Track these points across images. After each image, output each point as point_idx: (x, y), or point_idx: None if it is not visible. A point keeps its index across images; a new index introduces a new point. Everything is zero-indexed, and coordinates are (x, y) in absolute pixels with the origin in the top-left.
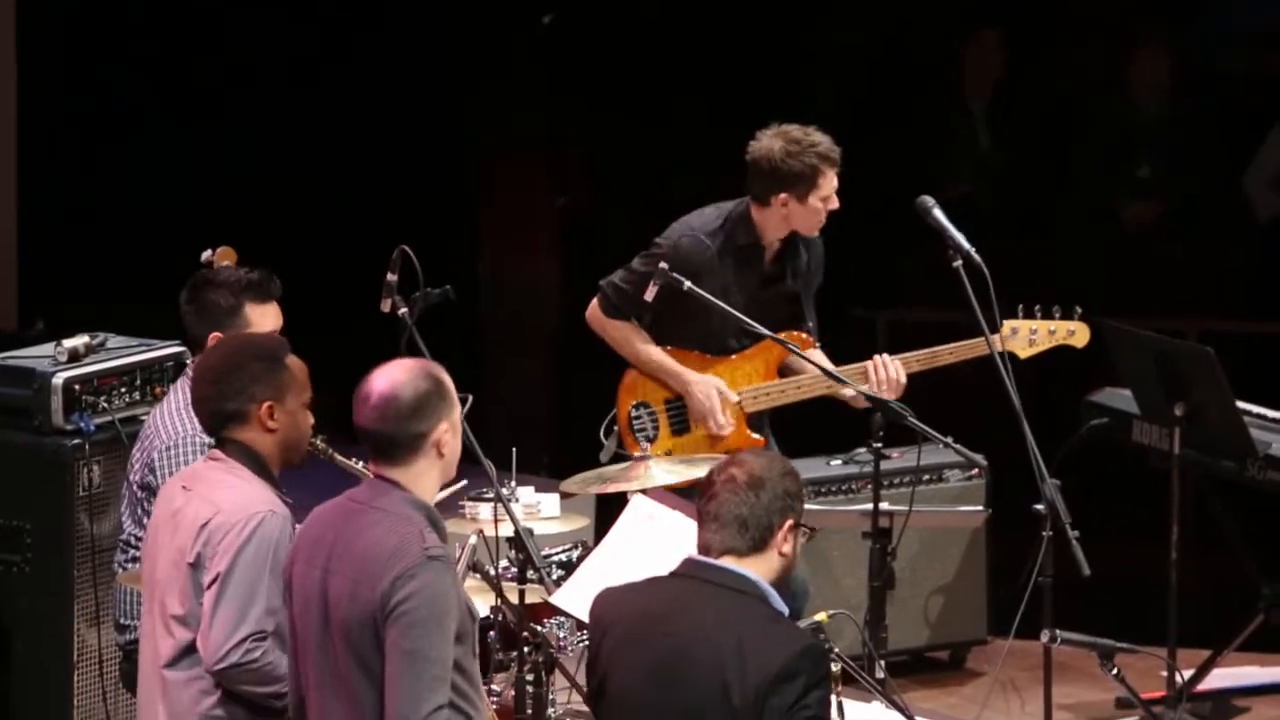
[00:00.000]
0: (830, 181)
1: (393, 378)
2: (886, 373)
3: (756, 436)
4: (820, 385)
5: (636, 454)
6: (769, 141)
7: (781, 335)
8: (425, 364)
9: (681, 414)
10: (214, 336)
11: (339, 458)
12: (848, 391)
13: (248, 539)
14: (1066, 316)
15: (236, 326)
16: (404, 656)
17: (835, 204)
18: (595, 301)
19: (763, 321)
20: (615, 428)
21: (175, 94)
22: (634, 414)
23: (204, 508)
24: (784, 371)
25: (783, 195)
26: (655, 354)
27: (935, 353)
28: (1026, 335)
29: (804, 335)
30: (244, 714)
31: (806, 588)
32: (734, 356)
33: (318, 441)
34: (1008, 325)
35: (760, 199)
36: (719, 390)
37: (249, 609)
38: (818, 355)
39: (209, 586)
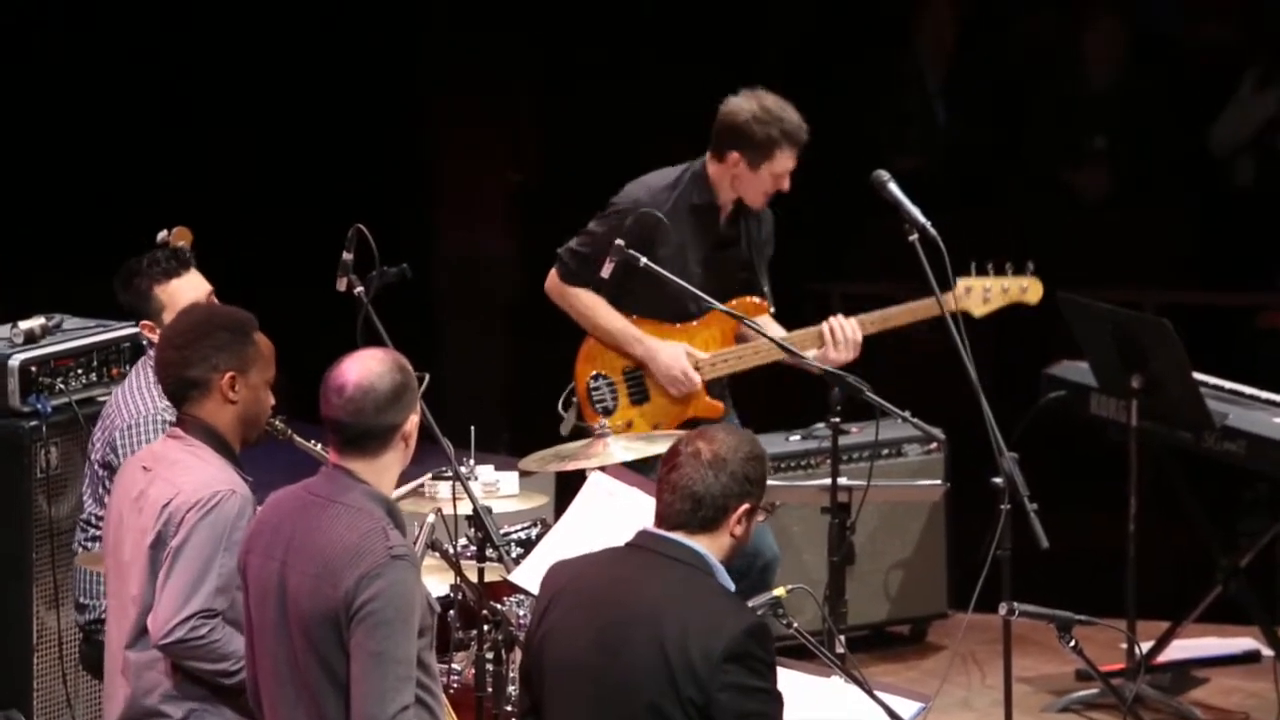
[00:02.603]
0: (786, 159)
1: (367, 368)
2: (843, 333)
3: (716, 402)
4: (781, 352)
5: (596, 426)
6: (743, 101)
7: (736, 301)
8: (394, 354)
9: (640, 383)
10: (144, 325)
11: (298, 439)
12: (809, 352)
13: (204, 516)
14: (1019, 273)
15: (154, 310)
16: (370, 657)
17: (786, 185)
18: (554, 271)
19: (717, 284)
20: (574, 400)
21: (130, 70)
22: (592, 385)
23: (165, 489)
24: (740, 338)
25: (735, 154)
26: (618, 322)
27: (889, 314)
28: (980, 293)
29: (758, 300)
30: (205, 693)
31: (777, 556)
32: (694, 323)
33: (276, 422)
34: (961, 284)
35: (717, 153)
36: (688, 352)
37: (199, 586)
38: (771, 323)
39: (164, 562)
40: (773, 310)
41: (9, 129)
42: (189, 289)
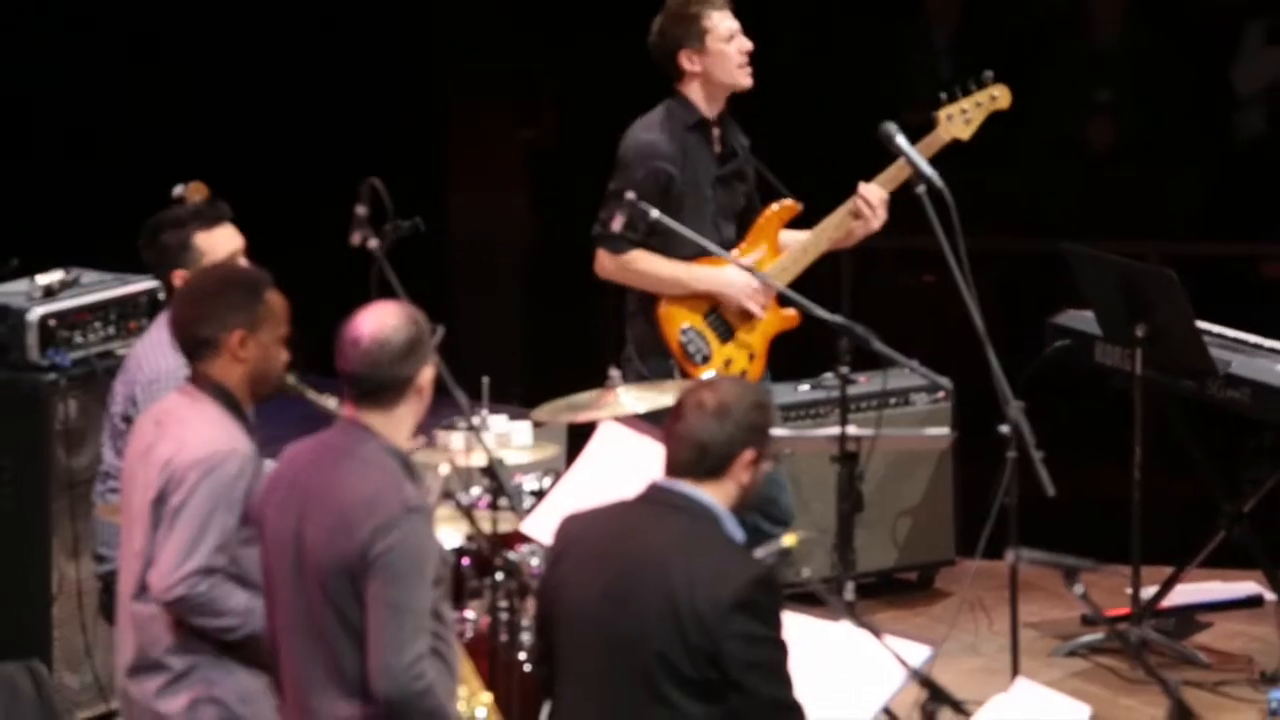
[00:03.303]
0: (721, 20)
1: (382, 321)
2: (873, 197)
3: (790, 311)
4: (826, 240)
5: (702, 375)
6: (657, 18)
7: (771, 210)
8: (407, 307)
9: (721, 321)
10: (178, 274)
11: (311, 394)
12: (848, 229)
13: (204, 475)
14: (981, 86)
15: (193, 259)
16: (386, 608)
17: (748, 44)
18: (599, 252)
19: (729, 200)
20: (671, 361)
21: (143, 28)
22: (684, 339)
23: (170, 445)
24: (784, 244)
25: (684, 53)
26: (679, 268)
27: (900, 167)
28: (960, 117)
29: (789, 203)
30: (208, 647)
31: (792, 513)
32: (742, 244)
33: (289, 378)
34: (941, 114)
35: (673, 71)
36: (751, 271)
37: (199, 544)
38: (796, 235)
39: (164, 521)
40: (801, 208)
41: (24, 89)
42: (228, 240)
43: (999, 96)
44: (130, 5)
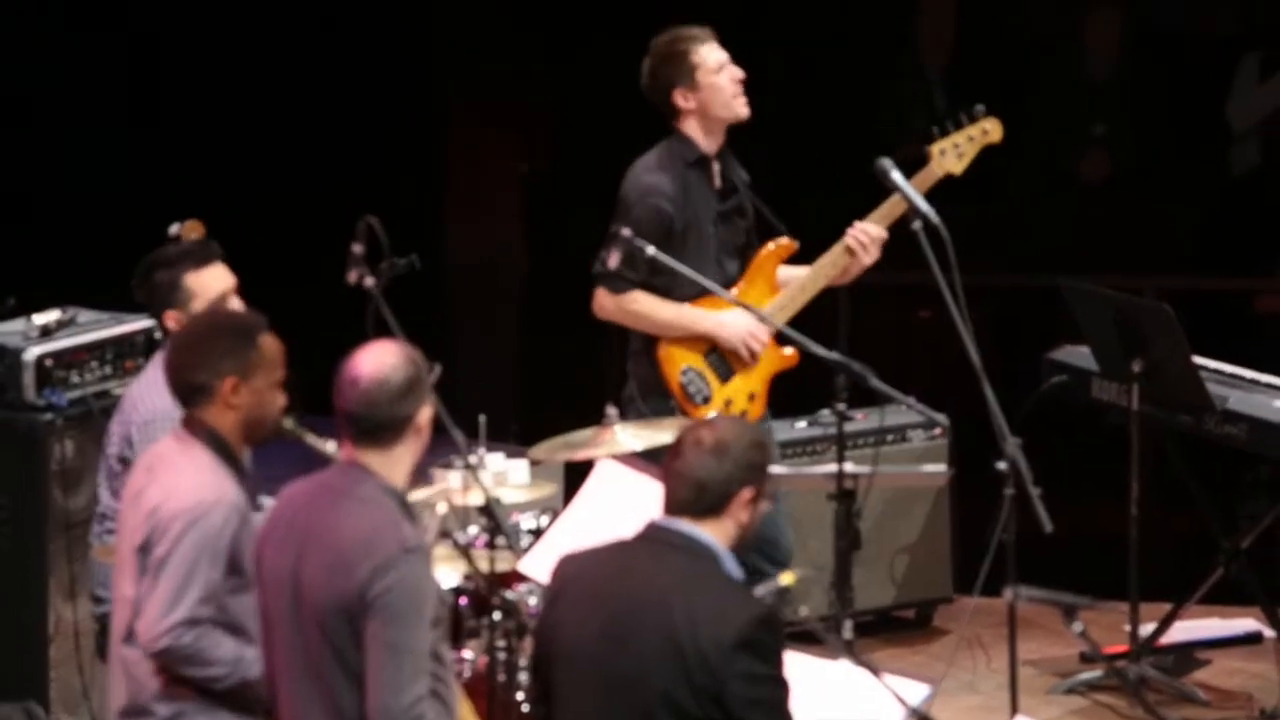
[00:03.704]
0: (709, 54)
1: (380, 360)
2: (867, 235)
3: (789, 351)
4: (823, 277)
5: (703, 417)
6: (644, 62)
7: (768, 248)
8: (406, 347)
9: (721, 362)
10: (169, 314)
11: (310, 437)
12: (844, 266)
13: (189, 526)
14: (972, 120)
15: (183, 299)
16: (385, 649)
17: (738, 72)
18: (599, 291)
19: (731, 237)
20: (672, 402)
21: (139, 66)
22: (684, 380)
23: (157, 491)
24: (783, 282)
25: (677, 92)
26: (675, 309)
27: (895, 203)
28: (953, 151)
29: (786, 241)
30: (194, 694)
31: (792, 556)
32: (740, 284)
33: (287, 422)
34: (935, 149)
35: (669, 110)
36: (747, 308)
37: (183, 596)
38: (793, 270)
39: (149, 571)
40: (797, 246)
41: (19, 126)
42: (218, 280)
43: (991, 130)
44: (130, 43)
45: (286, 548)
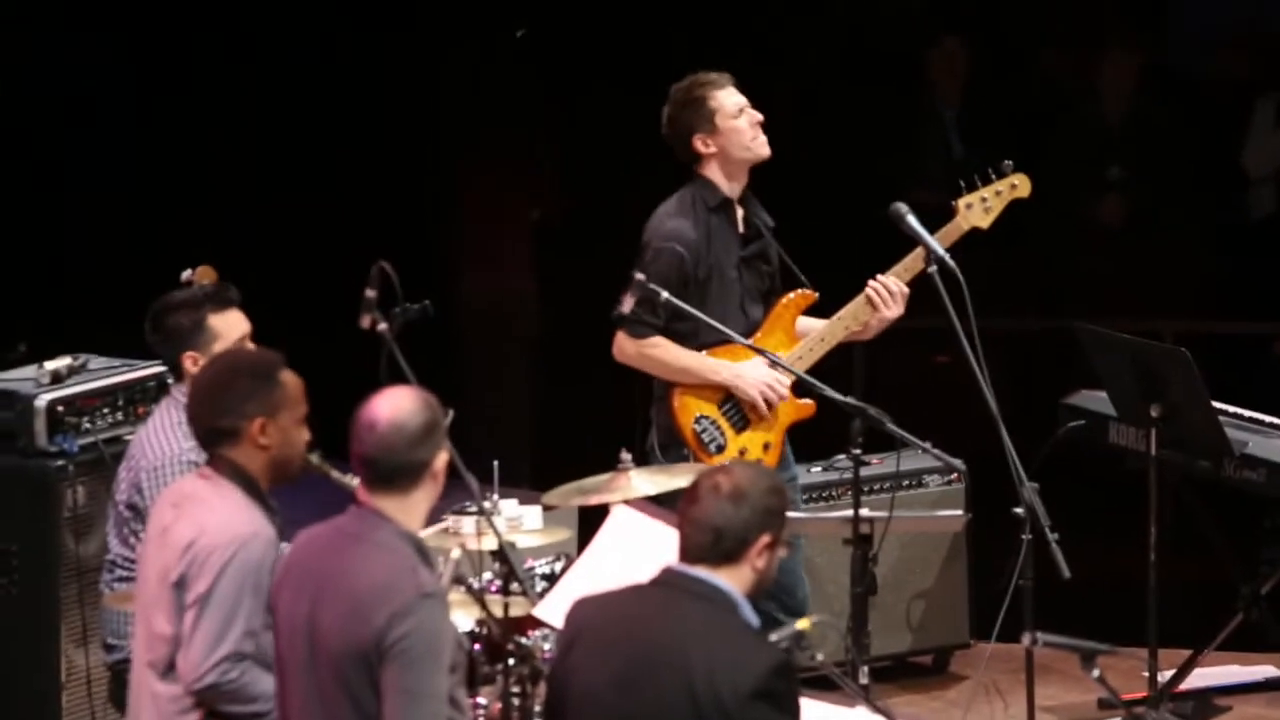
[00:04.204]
0: (725, 98)
1: (398, 405)
2: (888, 290)
3: (806, 401)
4: (842, 329)
5: (716, 465)
6: (665, 109)
7: (788, 298)
8: (422, 392)
9: (737, 411)
10: (188, 356)
11: (334, 474)
12: (864, 319)
13: (229, 561)
14: (1000, 175)
15: (205, 341)
16: (402, 695)
17: (756, 115)
18: (619, 335)
19: (755, 282)
20: (686, 450)
21: (154, 113)
22: (699, 429)
23: (189, 528)
24: (802, 332)
25: (696, 139)
26: (695, 358)
27: (916, 257)
28: (980, 205)
29: (806, 292)
30: None
31: (808, 606)
32: (759, 334)
33: (313, 457)
34: (961, 203)
35: (689, 155)
36: (764, 353)
37: (228, 631)
38: (813, 322)
39: (190, 606)
40: (816, 296)
41: (29, 175)
42: (238, 323)
43: (1019, 185)
44: (142, 90)
45: (302, 593)
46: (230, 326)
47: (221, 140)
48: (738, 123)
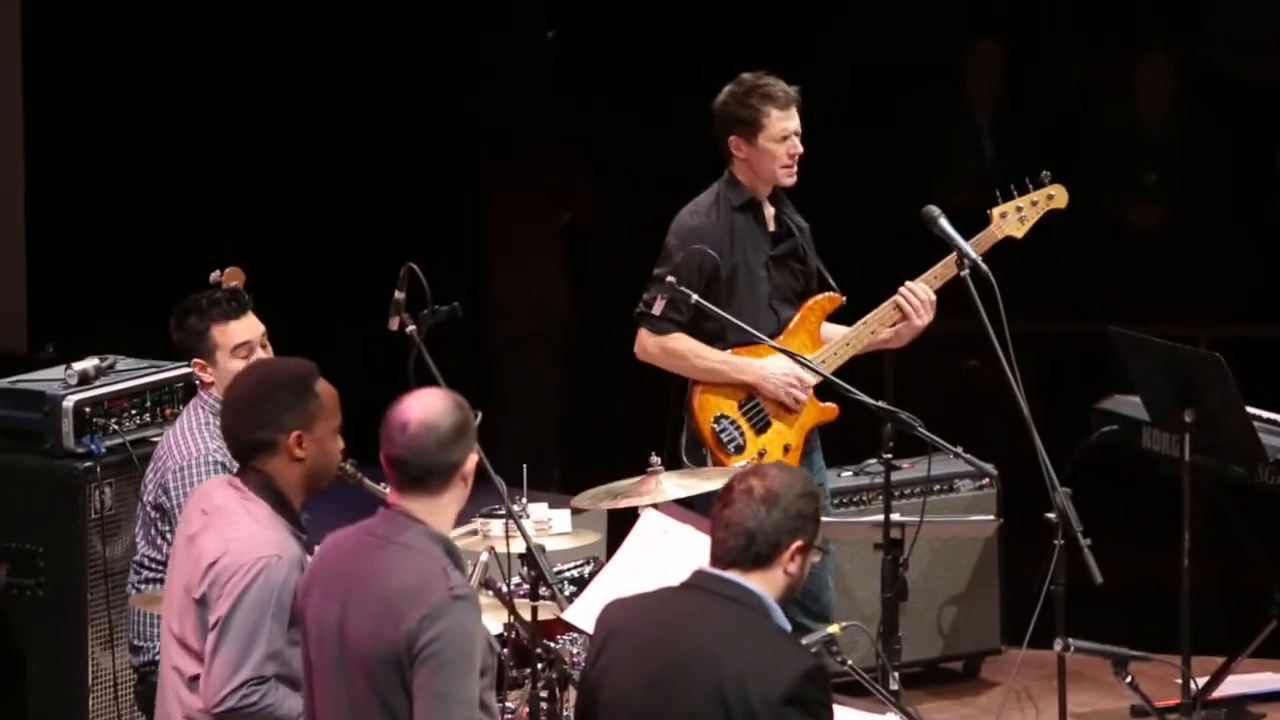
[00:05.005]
0: (779, 122)
1: (429, 405)
2: (917, 297)
3: (828, 405)
4: (869, 334)
5: (734, 465)
6: (725, 88)
7: (813, 301)
8: (453, 394)
9: (758, 411)
10: (196, 363)
11: (368, 482)
12: (885, 334)
13: (250, 583)
14: (1037, 185)
15: (207, 350)
16: (433, 698)
17: (798, 148)
18: (641, 332)
19: (785, 281)
20: (705, 450)
21: (183, 116)
22: (718, 429)
23: (215, 543)
24: (827, 336)
25: (733, 138)
26: (720, 356)
27: (948, 264)
28: (1015, 215)
29: (834, 295)
30: None
31: (833, 611)
32: (782, 336)
33: (347, 466)
34: (996, 212)
35: (723, 148)
36: (792, 356)
37: (248, 654)
38: (837, 329)
39: (212, 628)
40: (844, 300)
41: (61, 169)
42: (244, 330)
43: (1056, 196)
44: (172, 90)
45: (331, 596)
46: (233, 335)
47: (251, 140)
48: (776, 147)
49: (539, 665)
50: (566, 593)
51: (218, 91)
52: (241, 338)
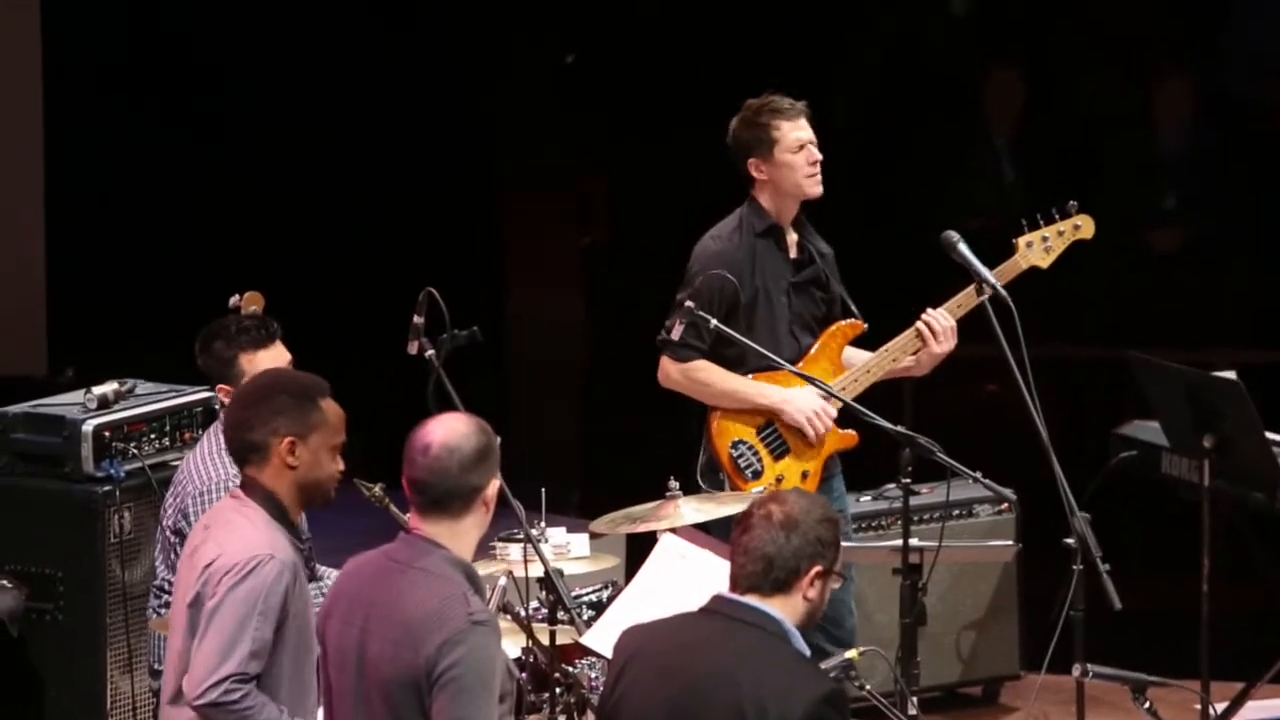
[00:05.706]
0: (791, 131)
1: (452, 428)
2: (939, 324)
3: (848, 431)
4: (889, 361)
5: (751, 491)
6: (732, 121)
7: (835, 327)
8: (476, 418)
9: (776, 437)
10: (221, 389)
11: (394, 509)
12: (906, 361)
13: (241, 579)
14: (1064, 215)
15: (234, 377)
16: None
17: (817, 155)
18: (663, 359)
19: (807, 307)
20: (721, 475)
21: (203, 140)
22: (735, 454)
23: (211, 549)
24: (848, 361)
25: (752, 162)
26: (742, 382)
27: (969, 294)
28: (1040, 245)
29: (855, 322)
30: None
31: (855, 637)
32: (799, 365)
33: (375, 489)
34: (1021, 241)
35: (745, 174)
36: (813, 382)
37: (233, 649)
38: (860, 354)
39: (200, 624)
40: (865, 327)
41: (87, 198)
42: (271, 360)
43: (1083, 226)
44: (193, 117)
45: (351, 621)
46: (261, 364)
47: (271, 165)
48: (794, 158)
49: (557, 690)
50: (585, 617)
51: (234, 113)
52: (272, 365)
